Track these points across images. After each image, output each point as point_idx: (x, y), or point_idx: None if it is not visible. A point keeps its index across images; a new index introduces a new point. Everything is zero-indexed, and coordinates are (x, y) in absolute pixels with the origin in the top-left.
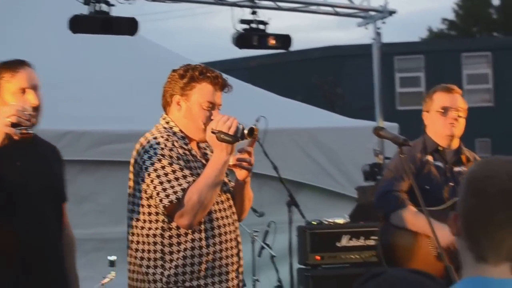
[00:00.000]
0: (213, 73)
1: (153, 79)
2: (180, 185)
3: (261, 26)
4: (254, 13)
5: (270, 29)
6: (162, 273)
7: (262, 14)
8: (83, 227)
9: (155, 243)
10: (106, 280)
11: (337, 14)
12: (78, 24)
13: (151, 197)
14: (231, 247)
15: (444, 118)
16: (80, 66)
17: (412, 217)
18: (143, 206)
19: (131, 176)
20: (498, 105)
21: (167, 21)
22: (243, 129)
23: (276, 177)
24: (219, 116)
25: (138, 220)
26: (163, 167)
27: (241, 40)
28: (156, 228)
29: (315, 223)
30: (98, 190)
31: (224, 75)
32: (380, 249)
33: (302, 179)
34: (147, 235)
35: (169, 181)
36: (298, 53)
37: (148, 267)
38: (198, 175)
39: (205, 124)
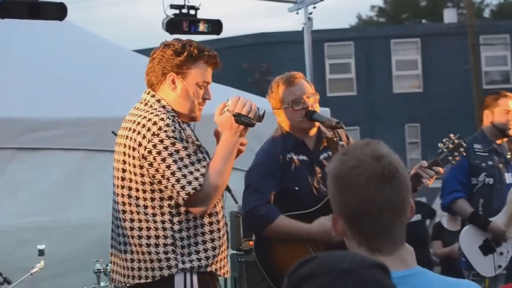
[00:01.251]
0: (210, 51)
1: (83, 65)
2: (197, 170)
3: (192, 12)
4: None
5: (201, 16)
6: (175, 258)
7: (193, 0)
8: (19, 216)
9: (164, 229)
10: (35, 269)
11: None
12: (5, 9)
13: (159, 182)
14: (227, 232)
15: (297, 111)
16: (5, 52)
17: (284, 228)
18: (145, 191)
19: (127, 159)
20: (427, 90)
21: (99, 8)
22: (258, 112)
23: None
24: (236, 98)
25: (138, 206)
26: (177, 151)
27: (172, 25)
28: (163, 214)
29: None
30: (31, 178)
31: None
32: (261, 266)
33: (234, 164)
34: (154, 221)
35: (186, 166)
36: (229, 40)
37: (157, 253)
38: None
39: (200, 103)
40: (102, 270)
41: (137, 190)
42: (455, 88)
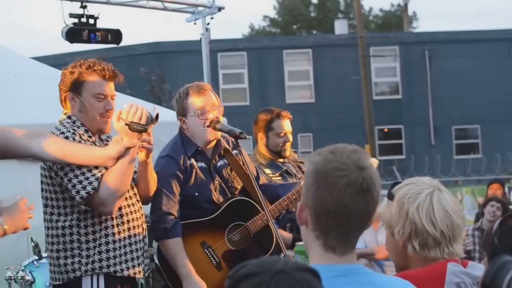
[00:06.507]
0: (100, 65)
1: None
2: (93, 175)
3: (91, 21)
4: (84, 7)
5: (100, 25)
6: (79, 262)
7: (92, 9)
8: None
9: (71, 234)
10: None
11: (165, 9)
12: None
13: (66, 189)
14: (138, 233)
15: (202, 120)
16: None
17: (171, 251)
18: (58, 200)
19: (42, 172)
20: (318, 101)
21: None
22: (151, 116)
23: None
24: (127, 107)
25: (52, 214)
26: None
27: (72, 34)
28: (72, 220)
29: None
30: None
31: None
32: (162, 271)
33: None
34: (63, 227)
35: (83, 173)
36: (123, 49)
37: (66, 257)
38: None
39: (101, 115)
40: (13, 278)
41: (51, 199)
42: (346, 98)
